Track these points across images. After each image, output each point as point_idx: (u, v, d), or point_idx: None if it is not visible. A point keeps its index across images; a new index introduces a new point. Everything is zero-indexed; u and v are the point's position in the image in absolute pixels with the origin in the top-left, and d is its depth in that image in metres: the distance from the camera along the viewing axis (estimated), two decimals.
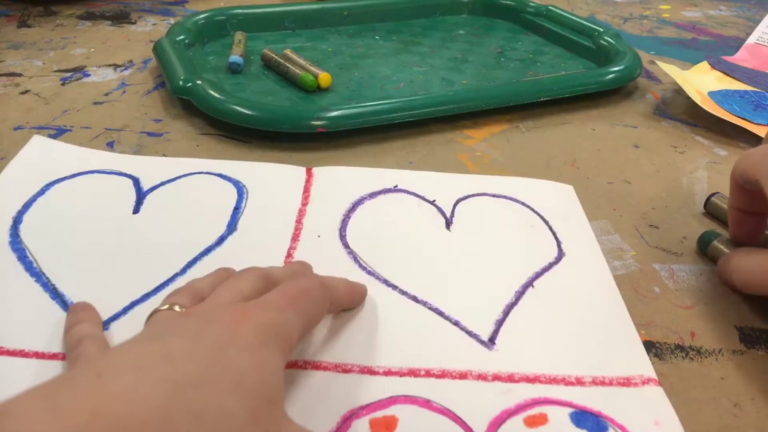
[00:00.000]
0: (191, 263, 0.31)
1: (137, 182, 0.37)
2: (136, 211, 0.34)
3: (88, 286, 0.29)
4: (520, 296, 0.30)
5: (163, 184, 0.37)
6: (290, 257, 0.32)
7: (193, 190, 0.37)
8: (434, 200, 0.36)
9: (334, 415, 0.24)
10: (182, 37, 0.53)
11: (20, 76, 0.51)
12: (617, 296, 0.30)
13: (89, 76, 0.52)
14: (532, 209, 0.36)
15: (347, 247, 0.33)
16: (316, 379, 0.25)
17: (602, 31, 0.58)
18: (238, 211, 0.35)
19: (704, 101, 0.49)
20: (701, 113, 0.48)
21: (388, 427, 0.23)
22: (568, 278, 0.31)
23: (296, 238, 0.33)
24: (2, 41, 0.58)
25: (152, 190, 0.36)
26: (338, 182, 0.38)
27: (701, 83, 0.54)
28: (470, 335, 0.28)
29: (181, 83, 0.45)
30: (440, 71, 0.55)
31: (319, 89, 0.49)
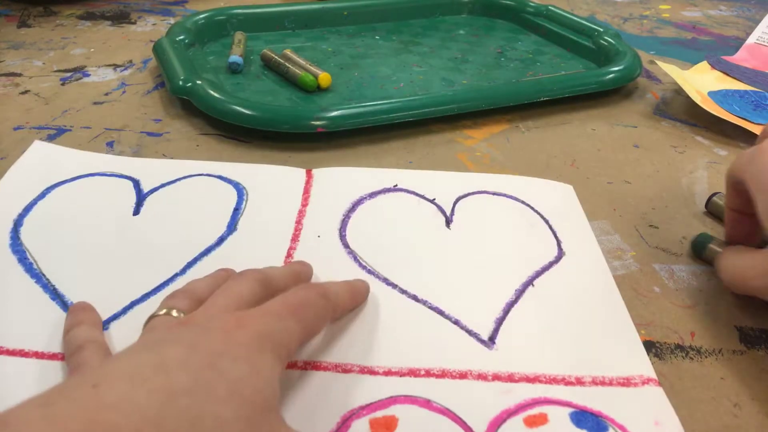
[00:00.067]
0: (191, 263, 0.31)
1: (137, 184, 0.37)
2: (136, 212, 0.34)
3: (88, 286, 0.29)
4: (520, 294, 0.30)
5: (163, 185, 0.37)
6: (290, 257, 0.32)
7: (193, 191, 0.37)
8: (434, 199, 0.36)
9: (334, 415, 0.24)
10: (182, 37, 0.53)
11: (20, 76, 0.51)
12: (617, 296, 0.30)
13: (89, 76, 0.52)
14: (532, 208, 0.36)
15: (347, 246, 0.33)
16: (316, 379, 0.25)
17: (602, 31, 0.58)
18: (238, 211, 0.35)
19: (704, 101, 0.49)
20: (701, 113, 0.48)
21: (388, 427, 0.23)
22: (568, 278, 0.31)
23: (296, 238, 0.33)
24: (2, 41, 0.58)
25: (152, 191, 0.36)
26: (338, 183, 0.38)
27: (701, 83, 0.54)
28: (470, 334, 0.28)
29: (181, 83, 0.45)
30: (440, 71, 0.55)
31: (319, 89, 0.49)
